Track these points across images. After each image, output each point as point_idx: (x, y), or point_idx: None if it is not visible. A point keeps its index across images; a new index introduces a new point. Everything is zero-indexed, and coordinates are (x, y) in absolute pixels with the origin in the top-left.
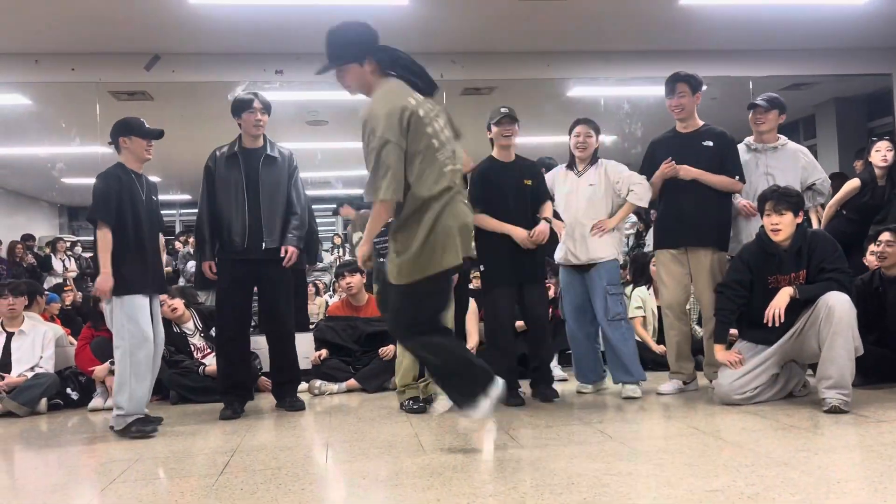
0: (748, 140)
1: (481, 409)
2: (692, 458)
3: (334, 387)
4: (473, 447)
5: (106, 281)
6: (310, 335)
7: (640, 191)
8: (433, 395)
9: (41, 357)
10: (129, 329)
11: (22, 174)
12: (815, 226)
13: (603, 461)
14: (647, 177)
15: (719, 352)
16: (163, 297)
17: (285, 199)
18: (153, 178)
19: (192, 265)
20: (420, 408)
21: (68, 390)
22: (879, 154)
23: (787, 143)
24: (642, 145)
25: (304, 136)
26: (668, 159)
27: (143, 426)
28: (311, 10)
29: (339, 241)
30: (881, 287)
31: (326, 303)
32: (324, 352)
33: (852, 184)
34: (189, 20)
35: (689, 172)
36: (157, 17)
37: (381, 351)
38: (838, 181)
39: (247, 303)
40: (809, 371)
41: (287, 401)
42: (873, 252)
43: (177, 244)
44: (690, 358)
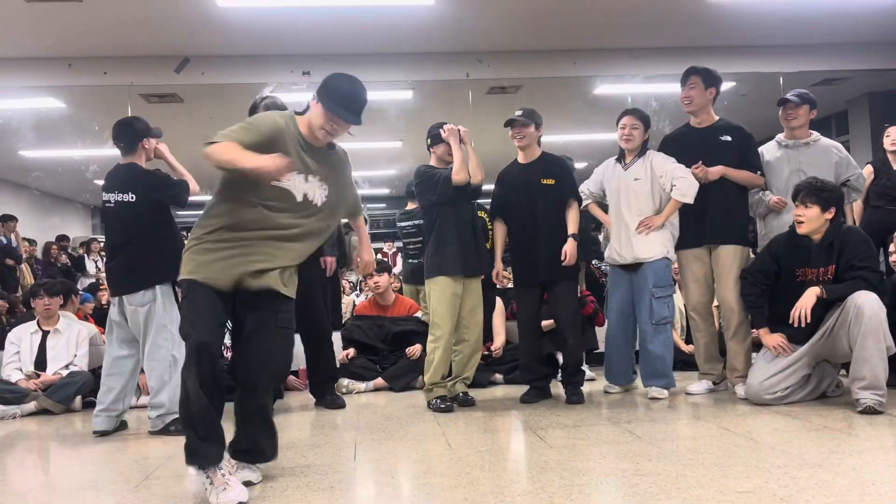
0: (779, 137)
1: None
2: (723, 458)
3: (362, 385)
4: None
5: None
6: (338, 334)
7: (683, 186)
8: (460, 395)
9: (76, 355)
10: (171, 330)
11: (56, 176)
12: (850, 223)
13: (632, 461)
14: None
15: (765, 336)
16: None
17: None
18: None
19: None
20: (448, 407)
21: None
22: (889, 139)
23: (820, 139)
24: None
25: None
26: (698, 164)
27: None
28: (339, 11)
29: None
30: None
31: (353, 302)
32: (351, 351)
33: (865, 171)
34: (218, 22)
35: (717, 172)
36: (187, 19)
37: (407, 350)
38: None
39: None
40: (843, 371)
41: (327, 398)
42: (892, 252)
43: None
44: (719, 358)
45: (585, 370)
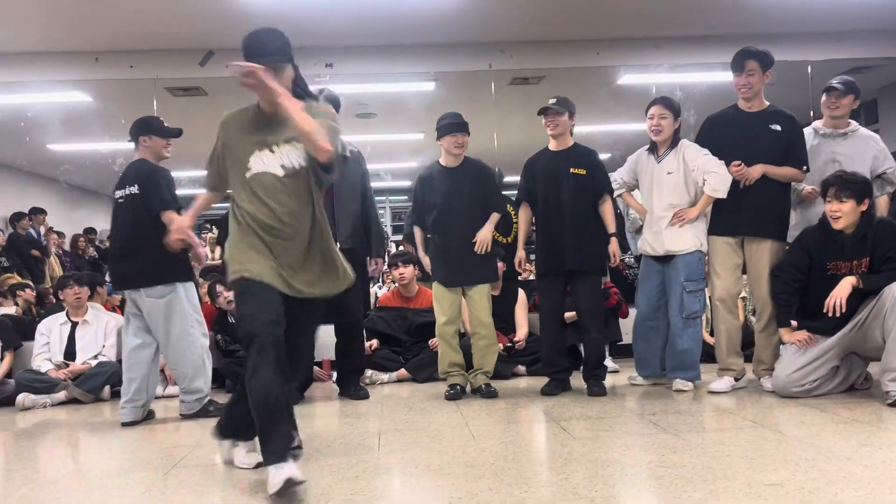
0: (816, 124)
1: None
2: (749, 451)
3: (385, 376)
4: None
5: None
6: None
7: (715, 181)
8: (483, 387)
9: (104, 346)
10: (195, 318)
11: (83, 169)
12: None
13: (656, 453)
14: None
15: (785, 333)
16: (219, 288)
17: (359, 198)
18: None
19: None
20: (455, 393)
21: None
22: None
23: (858, 130)
24: (695, 133)
25: (353, 129)
26: (738, 163)
27: (219, 405)
28: (361, 3)
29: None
30: None
31: (376, 294)
32: (374, 342)
33: None
34: (241, 15)
35: (756, 172)
36: (211, 13)
37: (430, 342)
38: None
39: None
40: (872, 364)
41: (352, 389)
42: None
43: None
44: (740, 353)
45: (608, 363)
